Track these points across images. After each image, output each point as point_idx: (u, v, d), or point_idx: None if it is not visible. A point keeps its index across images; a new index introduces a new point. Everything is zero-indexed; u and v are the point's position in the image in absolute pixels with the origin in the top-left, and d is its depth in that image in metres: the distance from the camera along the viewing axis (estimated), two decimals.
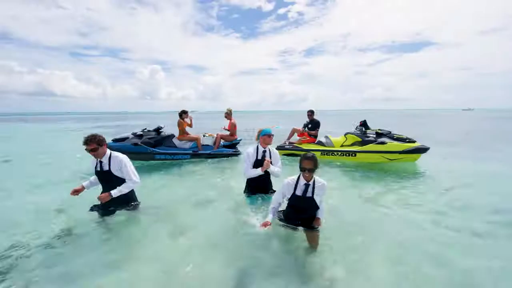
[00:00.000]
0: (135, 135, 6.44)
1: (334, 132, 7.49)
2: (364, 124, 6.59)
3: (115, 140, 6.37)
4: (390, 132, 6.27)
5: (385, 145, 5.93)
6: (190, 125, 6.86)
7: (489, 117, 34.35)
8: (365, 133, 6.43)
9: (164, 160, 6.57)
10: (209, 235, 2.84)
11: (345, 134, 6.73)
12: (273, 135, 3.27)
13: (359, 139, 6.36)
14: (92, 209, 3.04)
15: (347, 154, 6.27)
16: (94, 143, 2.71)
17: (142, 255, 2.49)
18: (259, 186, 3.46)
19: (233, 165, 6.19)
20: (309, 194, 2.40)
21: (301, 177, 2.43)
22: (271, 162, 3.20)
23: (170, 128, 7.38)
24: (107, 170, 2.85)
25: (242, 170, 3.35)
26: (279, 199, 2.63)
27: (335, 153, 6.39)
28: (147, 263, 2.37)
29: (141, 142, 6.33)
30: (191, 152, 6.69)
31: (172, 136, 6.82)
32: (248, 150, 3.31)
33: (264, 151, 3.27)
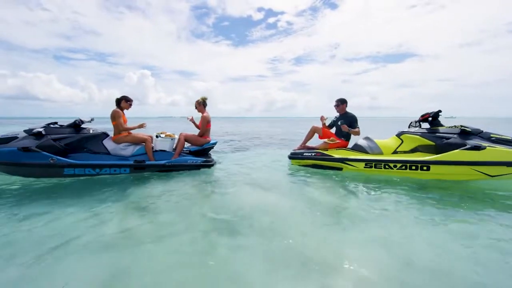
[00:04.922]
0: (30, 133, 3.55)
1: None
2: (433, 118, 3.89)
3: None
4: (482, 130, 3.61)
5: (482, 151, 3.25)
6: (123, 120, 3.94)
7: (477, 124, 32.71)
8: (434, 132, 3.76)
9: (81, 176, 3.67)
10: None
11: (400, 135, 4.02)
12: None
13: (430, 142, 3.66)
14: None
15: (414, 167, 3.54)
16: None
17: None
18: None
19: (222, 179, 3.34)
20: None
21: None
22: None
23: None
24: None
25: None
26: None
27: (391, 164, 3.66)
28: None
29: (37, 146, 3.43)
30: (132, 163, 3.83)
31: (104, 136, 3.95)
32: None
33: None
